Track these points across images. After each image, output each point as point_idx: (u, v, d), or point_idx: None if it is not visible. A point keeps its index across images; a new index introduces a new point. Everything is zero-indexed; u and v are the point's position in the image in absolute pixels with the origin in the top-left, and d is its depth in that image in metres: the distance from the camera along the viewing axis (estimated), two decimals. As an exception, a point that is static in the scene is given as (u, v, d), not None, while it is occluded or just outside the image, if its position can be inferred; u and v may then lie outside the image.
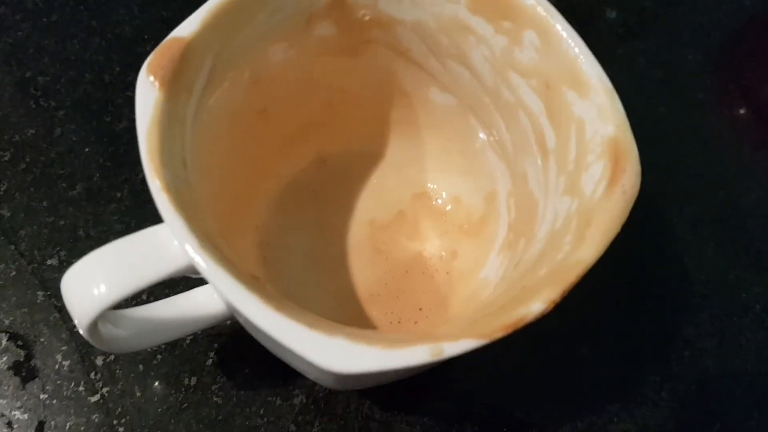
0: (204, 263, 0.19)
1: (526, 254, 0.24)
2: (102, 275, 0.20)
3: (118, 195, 0.33)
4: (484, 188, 0.31)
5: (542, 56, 0.24)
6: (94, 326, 0.21)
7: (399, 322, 0.30)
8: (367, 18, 0.26)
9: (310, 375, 0.26)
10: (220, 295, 0.19)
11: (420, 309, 0.30)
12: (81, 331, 0.21)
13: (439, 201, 0.33)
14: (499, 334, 0.19)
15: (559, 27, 0.23)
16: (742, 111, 0.39)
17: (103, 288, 0.20)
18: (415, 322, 0.30)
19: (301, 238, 0.32)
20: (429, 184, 0.33)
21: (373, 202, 0.33)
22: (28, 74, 0.35)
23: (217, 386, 0.29)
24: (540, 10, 0.23)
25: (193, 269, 0.20)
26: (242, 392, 0.29)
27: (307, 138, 0.32)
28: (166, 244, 0.20)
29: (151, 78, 0.21)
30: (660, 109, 0.38)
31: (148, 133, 0.20)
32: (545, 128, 0.25)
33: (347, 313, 0.30)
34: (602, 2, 0.40)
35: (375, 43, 0.28)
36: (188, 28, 0.22)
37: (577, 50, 0.23)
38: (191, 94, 0.22)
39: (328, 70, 0.29)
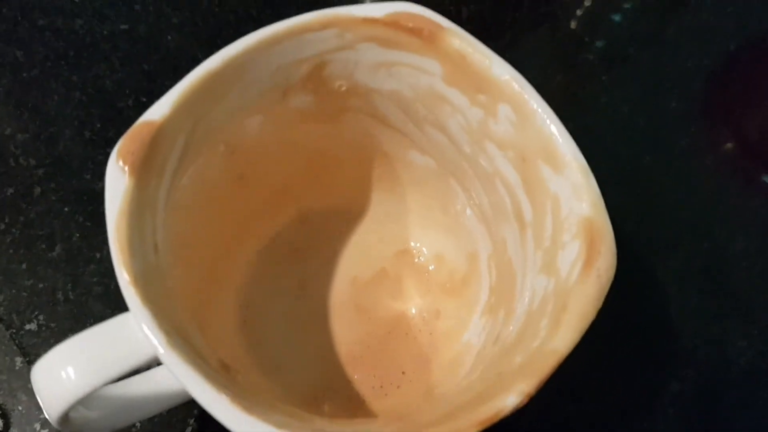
0: (171, 361, 0.18)
1: (504, 330, 0.24)
2: (72, 368, 0.20)
3: (98, 256, 0.33)
4: (466, 248, 0.31)
5: (517, 130, 0.24)
6: (65, 417, 0.21)
7: (381, 386, 0.30)
8: (343, 89, 0.26)
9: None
10: (188, 390, 0.19)
11: (403, 372, 0.30)
12: (53, 423, 0.21)
13: (422, 258, 0.33)
14: (473, 431, 0.19)
15: (533, 103, 0.23)
16: (725, 156, 0.39)
17: (72, 381, 0.20)
18: (398, 387, 0.30)
19: (282, 298, 0.31)
20: (411, 242, 0.33)
21: (355, 260, 0.32)
22: (7, 131, 0.34)
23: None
24: (514, 85, 0.23)
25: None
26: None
27: (287, 197, 0.32)
28: (135, 335, 0.20)
29: (121, 164, 0.20)
30: (644, 158, 0.37)
31: (116, 225, 0.20)
32: (522, 201, 0.25)
33: (329, 377, 0.30)
34: (584, 50, 0.40)
35: (352, 111, 0.28)
36: (159, 111, 0.21)
37: (551, 127, 0.23)
38: (163, 176, 0.22)
39: (307, 135, 0.29)
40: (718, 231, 0.36)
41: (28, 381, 0.30)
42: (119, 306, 0.22)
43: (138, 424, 0.29)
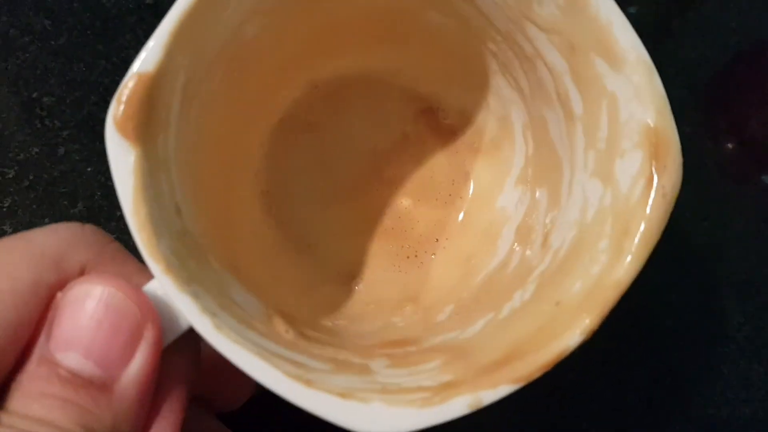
0: (221, 344, 0.18)
1: (552, 233, 0.23)
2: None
3: (118, 213, 0.33)
4: (496, 111, 0.28)
5: (566, 15, 0.20)
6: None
7: (416, 255, 0.29)
8: None
9: None
10: (245, 372, 0.18)
11: (437, 240, 0.29)
12: None
13: (446, 118, 0.30)
14: (537, 375, 0.18)
15: None
16: (727, 145, 0.39)
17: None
18: (433, 255, 0.29)
19: (302, 177, 0.30)
20: (432, 100, 0.30)
21: (374, 127, 0.30)
22: (34, 95, 0.35)
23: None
24: None
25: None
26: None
27: (295, 69, 0.28)
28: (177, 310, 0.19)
29: (121, 135, 0.18)
30: None
31: (134, 208, 0.18)
32: (570, 91, 0.22)
33: (362, 251, 0.29)
34: None
35: None
36: (151, 57, 0.18)
37: (609, 15, 0.19)
38: (168, 128, 0.19)
39: (310, 12, 0.25)
40: (716, 213, 0.37)
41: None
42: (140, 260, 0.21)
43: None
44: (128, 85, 0.18)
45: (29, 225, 0.33)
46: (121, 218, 0.33)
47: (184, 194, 0.20)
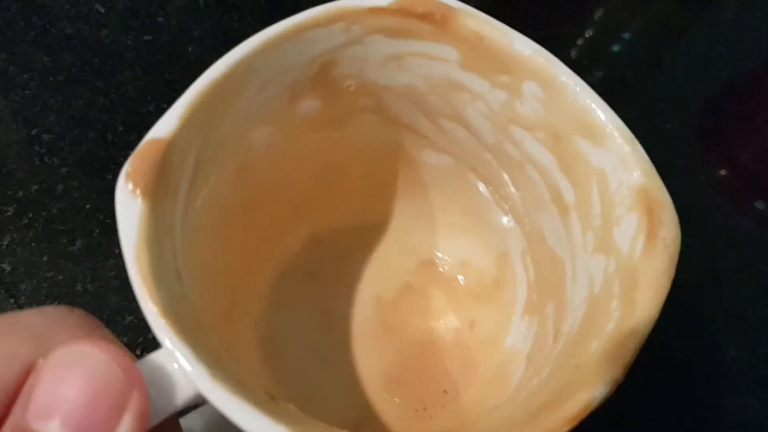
0: (219, 397, 0.16)
1: (563, 324, 0.22)
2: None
3: (116, 251, 0.33)
4: (494, 248, 0.29)
5: (547, 108, 0.22)
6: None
7: (425, 408, 0.28)
8: (352, 88, 0.25)
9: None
10: (242, 428, 0.17)
11: (445, 391, 0.28)
12: None
13: (447, 267, 0.31)
14: (565, 429, 0.17)
15: (562, 75, 0.22)
16: (719, 178, 0.39)
17: None
18: (443, 407, 0.28)
19: (305, 327, 0.29)
20: (434, 251, 0.31)
21: (377, 277, 0.30)
22: (33, 131, 0.35)
23: None
24: (539, 59, 0.22)
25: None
26: None
27: (298, 218, 0.30)
28: (172, 375, 0.17)
29: (132, 187, 0.18)
30: None
31: (136, 254, 0.18)
32: (560, 183, 0.23)
33: (367, 405, 0.28)
34: (585, 75, 0.41)
35: (362, 112, 0.26)
36: (166, 126, 0.19)
37: (585, 98, 0.21)
38: (177, 199, 0.20)
39: (315, 146, 0.27)
40: (710, 248, 0.37)
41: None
42: (135, 302, 0.19)
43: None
44: (144, 146, 0.19)
45: (28, 263, 0.32)
46: (119, 256, 0.33)
47: (187, 270, 0.20)
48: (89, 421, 0.16)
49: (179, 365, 0.17)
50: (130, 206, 0.18)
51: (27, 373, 0.17)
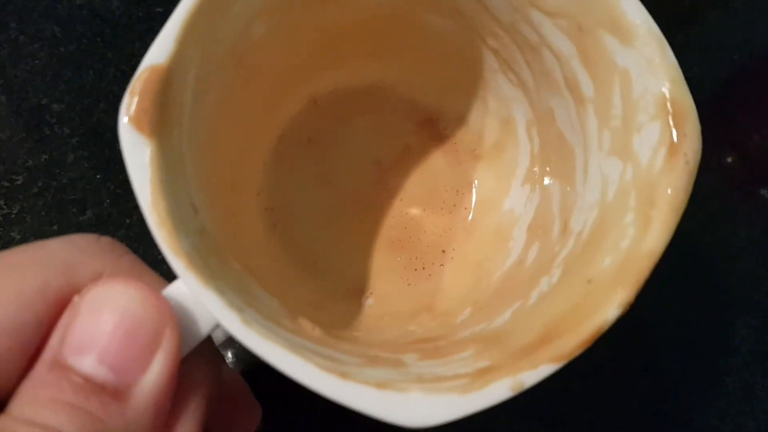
0: (251, 340, 0.17)
1: (571, 218, 0.22)
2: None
3: (127, 221, 0.33)
4: (497, 113, 0.29)
5: None
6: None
7: (423, 267, 0.29)
8: None
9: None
10: (275, 367, 0.17)
11: (443, 251, 0.29)
12: None
13: (447, 127, 0.30)
14: (579, 352, 0.18)
15: None
16: (729, 160, 0.40)
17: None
18: (441, 265, 0.29)
19: (306, 193, 0.29)
20: (433, 111, 0.30)
21: (376, 140, 0.30)
22: (44, 101, 0.35)
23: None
24: None
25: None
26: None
27: (295, 84, 0.28)
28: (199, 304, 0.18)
29: (138, 127, 0.17)
30: None
31: (152, 203, 0.17)
32: (579, 74, 0.22)
33: (370, 266, 0.29)
34: None
35: None
36: (163, 50, 0.18)
37: None
38: (182, 123, 0.19)
39: (314, 20, 0.25)
40: (720, 227, 0.37)
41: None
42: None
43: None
44: (141, 77, 0.17)
45: (38, 232, 0.33)
46: (130, 226, 0.33)
47: (199, 194, 0.20)
48: (123, 356, 0.17)
49: (209, 311, 0.17)
50: (137, 149, 0.17)
51: (59, 304, 0.17)
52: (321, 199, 0.29)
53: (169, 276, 0.18)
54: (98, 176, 0.34)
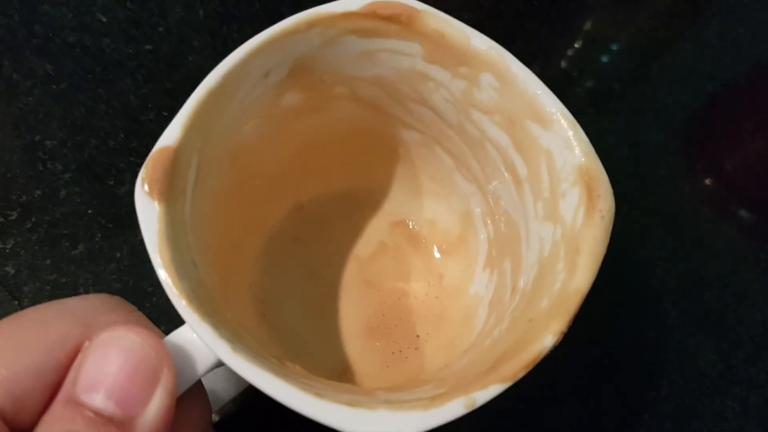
0: (239, 365, 0.20)
1: (519, 280, 0.26)
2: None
3: (118, 255, 0.35)
4: (458, 209, 0.33)
5: (502, 95, 0.25)
6: None
7: (400, 351, 0.32)
8: (329, 81, 0.28)
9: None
10: (260, 388, 0.20)
11: (418, 336, 0.32)
12: None
13: (416, 226, 0.34)
14: (522, 374, 0.21)
15: (514, 68, 0.25)
16: (702, 188, 0.41)
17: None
18: (416, 348, 0.32)
19: (293, 287, 0.33)
20: (404, 213, 0.35)
21: (355, 238, 0.34)
22: (36, 138, 0.36)
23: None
24: (494, 53, 0.25)
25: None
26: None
27: (283, 190, 0.33)
28: (198, 347, 0.22)
29: (149, 192, 0.21)
30: (626, 184, 0.40)
31: (159, 250, 0.21)
32: (515, 159, 0.26)
33: (350, 352, 0.32)
34: (573, 85, 0.43)
35: (339, 99, 0.29)
36: (172, 135, 0.22)
37: (534, 88, 0.25)
38: (185, 196, 0.23)
39: (299, 129, 0.30)
40: (693, 255, 0.39)
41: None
42: (136, 303, 0.24)
43: None
44: (154, 155, 0.22)
45: (31, 266, 0.34)
46: (120, 260, 0.34)
47: (198, 257, 0.23)
48: (128, 393, 0.19)
49: (204, 342, 0.20)
50: (148, 209, 0.21)
51: (76, 351, 0.20)
52: (306, 291, 0.33)
53: (162, 311, 0.24)
54: (90, 211, 0.36)
